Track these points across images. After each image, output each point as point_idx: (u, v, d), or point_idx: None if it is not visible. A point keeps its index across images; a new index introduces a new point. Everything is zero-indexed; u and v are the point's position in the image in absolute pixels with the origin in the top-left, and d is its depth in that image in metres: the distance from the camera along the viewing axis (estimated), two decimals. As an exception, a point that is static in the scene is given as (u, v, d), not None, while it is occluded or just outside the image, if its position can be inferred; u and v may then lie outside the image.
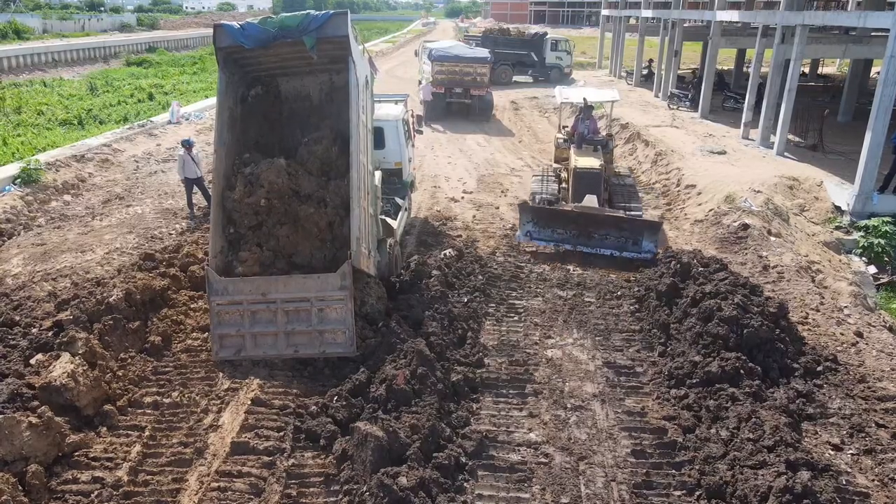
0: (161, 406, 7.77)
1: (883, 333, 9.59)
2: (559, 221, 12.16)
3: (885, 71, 12.49)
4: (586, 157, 13.40)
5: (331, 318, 8.57)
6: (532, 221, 12.33)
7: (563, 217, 12.14)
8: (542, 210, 12.43)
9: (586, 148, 14.10)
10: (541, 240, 12.21)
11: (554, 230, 12.20)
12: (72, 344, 7.89)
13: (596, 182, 12.74)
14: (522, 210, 12.51)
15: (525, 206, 12.62)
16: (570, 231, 12.09)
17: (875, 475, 6.85)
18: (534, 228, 12.27)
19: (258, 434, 7.26)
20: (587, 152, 13.86)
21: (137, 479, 6.65)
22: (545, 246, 12.34)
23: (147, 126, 21.30)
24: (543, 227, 12.22)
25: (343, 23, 8.92)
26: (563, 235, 12.15)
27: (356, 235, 8.67)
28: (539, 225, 12.26)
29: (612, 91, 16.18)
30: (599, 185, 12.81)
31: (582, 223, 12.01)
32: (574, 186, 12.85)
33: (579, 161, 13.23)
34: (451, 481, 6.57)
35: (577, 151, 13.93)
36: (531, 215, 12.36)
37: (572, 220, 12.05)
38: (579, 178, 12.80)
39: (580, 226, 12.03)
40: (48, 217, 13.94)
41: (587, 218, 11.99)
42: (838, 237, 13.09)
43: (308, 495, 6.54)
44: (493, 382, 8.40)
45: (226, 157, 9.34)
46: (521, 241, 12.32)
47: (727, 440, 6.99)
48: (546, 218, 12.26)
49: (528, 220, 12.36)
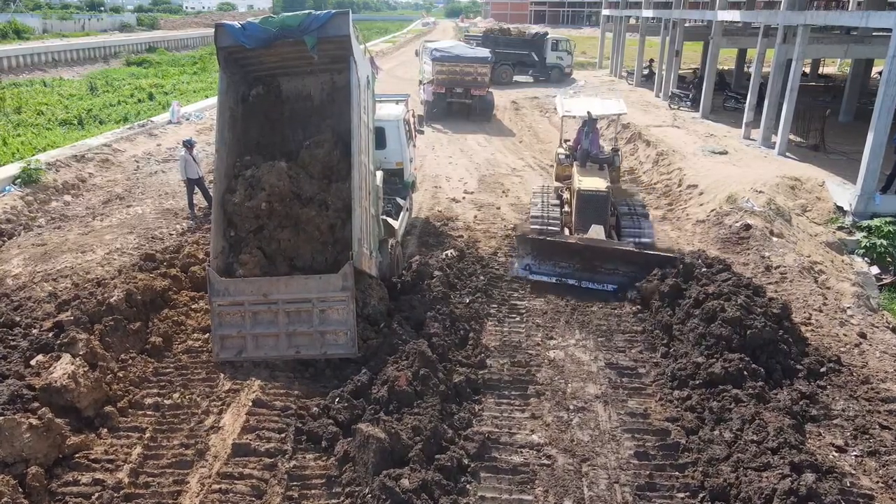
0: (162, 407, 7.73)
1: (886, 334, 9.56)
2: (562, 254, 11.04)
3: (887, 70, 12.46)
4: (591, 178, 12.28)
5: (332, 319, 8.54)
6: (531, 254, 11.21)
7: (567, 249, 11.01)
8: (542, 242, 11.20)
9: (591, 166, 12.95)
10: (541, 274, 11.05)
11: (556, 264, 11.05)
12: (72, 345, 7.86)
13: (602, 206, 11.69)
14: (520, 242, 11.43)
15: (523, 237, 11.44)
16: (574, 265, 10.97)
17: (879, 477, 6.81)
18: (533, 262, 11.16)
19: (259, 436, 7.23)
20: (592, 171, 12.74)
21: (138, 480, 6.62)
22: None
23: (147, 126, 21.27)
24: (544, 261, 11.10)
25: (344, 22, 8.90)
26: (566, 270, 11.00)
27: (357, 236, 8.64)
28: (539, 258, 11.14)
29: (618, 102, 14.59)
30: (606, 209, 11.76)
31: (587, 256, 10.89)
32: (578, 211, 11.79)
33: (583, 182, 12.08)
34: (453, 483, 6.55)
35: (581, 170, 12.81)
36: (530, 248, 11.24)
37: (577, 253, 10.93)
38: (584, 201, 11.72)
39: (585, 259, 10.90)
40: (49, 217, 13.89)
41: (593, 251, 10.89)
42: (841, 238, 13.06)
43: (310, 497, 6.51)
44: (496, 384, 8.37)
45: (227, 157, 9.31)
46: (519, 275, 11.16)
47: (731, 442, 6.96)
48: (547, 251, 11.12)
49: (527, 253, 11.26)
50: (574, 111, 13.88)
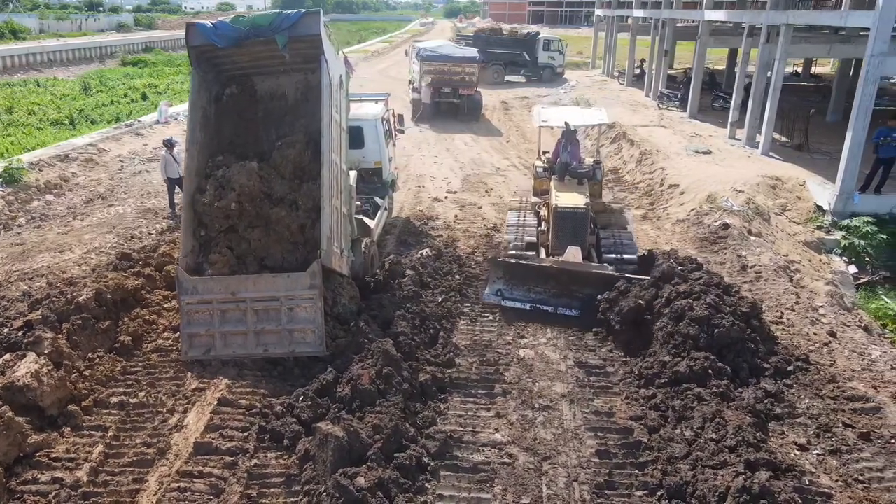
0: (127, 406, 7.74)
1: (857, 333, 9.57)
2: (536, 279, 10.27)
3: (865, 70, 12.48)
4: (569, 193, 11.49)
5: (300, 318, 8.56)
6: (503, 278, 10.40)
7: (541, 273, 10.26)
8: (515, 266, 10.38)
9: (569, 180, 12.16)
10: (514, 300, 10.21)
11: (530, 288, 10.26)
12: (38, 344, 7.86)
13: (581, 224, 10.93)
14: (493, 265, 10.66)
15: (495, 260, 10.73)
16: (550, 290, 10.18)
17: (839, 475, 6.82)
18: (505, 287, 10.33)
19: (222, 434, 7.23)
20: (570, 186, 11.94)
21: (97, 479, 6.62)
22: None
23: (135, 126, 21.29)
24: (517, 286, 10.30)
25: (315, 22, 8.92)
26: (540, 295, 10.20)
27: (327, 234, 8.66)
28: (512, 283, 10.33)
29: (599, 112, 13.70)
30: (585, 227, 11.01)
31: (564, 281, 10.14)
32: (555, 229, 11.06)
33: (561, 198, 11.29)
34: (411, 482, 6.54)
35: (559, 185, 12.01)
36: (502, 271, 10.43)
37: (552, 277, 10.19)
38: (561, 219, 10.98)
39: (561, 284, 10.14)
40: (29, 217, 13.92)
41: (570, 275, 10.13)
42: (819, 237, 13.07)
43: (268, 496, 6.52)
44: (463, 382, 8.37)
45: (198, 157, 9.34)
46: (491, 302, 10.30)
47: (691, 440, 6.97)
48: (520, 275, 10.33)
49: (498, 277, 10.43)
50: (551, 121, 13.07)
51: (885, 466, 6.92)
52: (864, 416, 7.68)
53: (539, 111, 13.81)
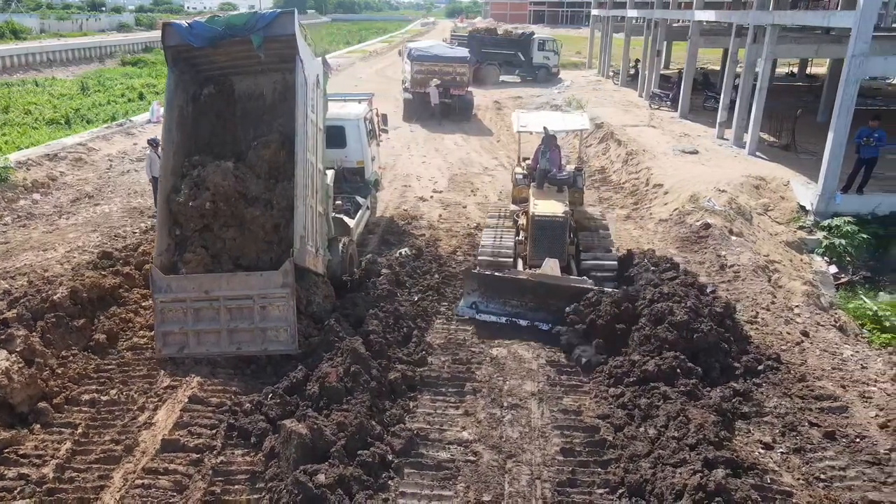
0: (98, 403, 7.79)
1: (830, 333, 9.58)
2: (512, 291, 9.86)
3: (846, 70, 12.48)
4: (547, 201, 11.11)
5: (273, 316, 8.62)
6: (478, 290, 9.97)
7: (517, 286, 9.85)
8: (490, 278, 9.97)
9: (549, 188, 11.78)
10: (489, 313, 9.86)
11: (506, 301, 9.87)
12: (10, 342, 7.93)
13: (559, 234, 10.59)
14: (467, 277, 10.25)
15: (470, 272, 10.31)
16: (527, 303, 9.80)
17: (801, 474, 6.84)
18: (480, 300, 9.91)
19: (191, 432, 7.29)
20: (549, 194, 11.55)
21: (63, 476, 6.65)
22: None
23: (126, 125, 21.39)
24: (492, 298, 9.89)
25: (290, 22, 8.98)
26: (516, 308, 9.83)
27: (300, 233, 8.71)
28: (487, 295, 9.91)
29: (580, 117, 13.36)
30: (563, 237, 10.65)
31: (541, 294, 9.75)
32: (532, 239, 10.71)
33: (539, 206, 10.91)
34: (374, 479, 6.58)
35: (538, 193, 11.60)
36: (477, 283, 10.00)
37: (529, 290, 9.80)
38: (539, 228, 10.63)
39: (538, 297, 9.75)
40: (15, 216, 13.99)
41: (547, 288, 9.76)
42: (801, 237, 13.07)
43: (232, 492, 6.56)
44: (434, 381, 8.41)
45: (174, 157, 9.40)
46: (465, 315, 9.95)
47: (654, 438, 7.00)
48: (496, 287, 9.91)
49: (473, 290, 10.01)
50: (530, 126, 12.73)
51: (847, 465, 6.94)
52: (830, 416, 7.70)
53: (518, 116, 13.36)
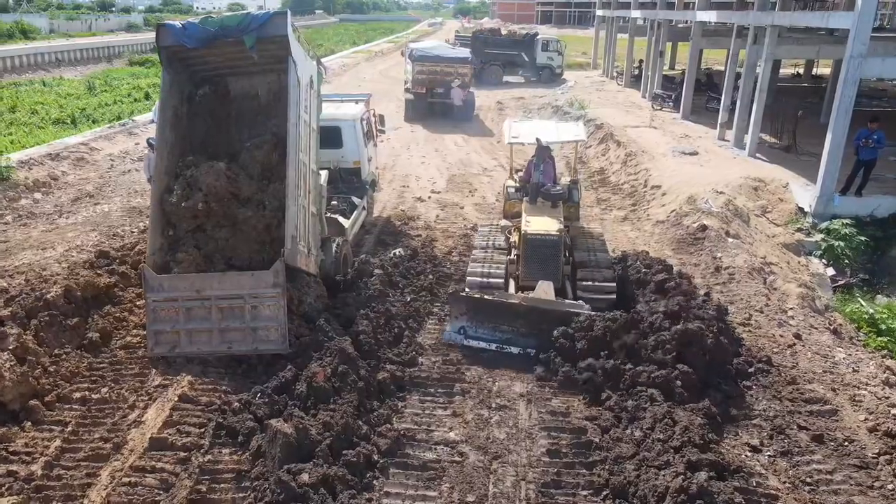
0: (89, 402, 7.84)
1: (823, 336, 9.54)
2: (503, 316, 9.19)
3: (844, 71, 12.42)
4: (541, 218, 10.45)
5: (264, 316, 8.66)
6: (466, 314, 9.28)
7: (508, 310, 9.17)
8: (479, 302, 9.25)
9: (542, 203, 11.03)
10: (478, 339, 9.15)
11: (496, 327, 9.17)
12: (3, 339, 8.00)
13: (553, 253, 9.94)
14: (453, 301, 9.52)
15: (456, 295, 9.60)
16: (518, 328, 9.12)
17: (788, 477, 6.83)
18: (469, 324, 9.23)
19: (179, 430, 7.33)
20: (543, 209, 10.85)
21: (51, 473, 6.71)
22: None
23: (128, 125, 21.52)
24: (482, 323, 9.20)
25: (283, 22, 9.02)
26: (507, 334, 9.14)
27: (292, 233, 8.75)
28: (476, 320, 9.22)
29: (576, 126, 12.49)
30: (558, 257, 9.98)
31: (534, 320, 9.06)
32: (525, 259, 10.04)
33: (532, 224, 10.26)
34: (358, 479, 6.61)
35: (530, 208, 10.90)
36: (465, 307, 9.29)
37: (521, 315, 9.11)
38: (531, 247, 9.98)
39: (531, 322, 9.06)
40: (16, 215, 14.09)
41: (540, 313, 9.06)
42: (799, 239, 13.02)
43: (218, 491, 6.59)
44: (423, 381, 8.43)
45: (168, 157, 9.46)
46: (452, 342, 9.27)
47: (639, 440, 6.99)
48: (485, 311, 9.21)
49: (461, 314, 9.32)
50: (522, 137, 11.90)
51: (834, 469, 6.93)
52: (819, 419, 7.68)
53: (509, 126, 12.47)
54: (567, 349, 8.57)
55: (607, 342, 8.49)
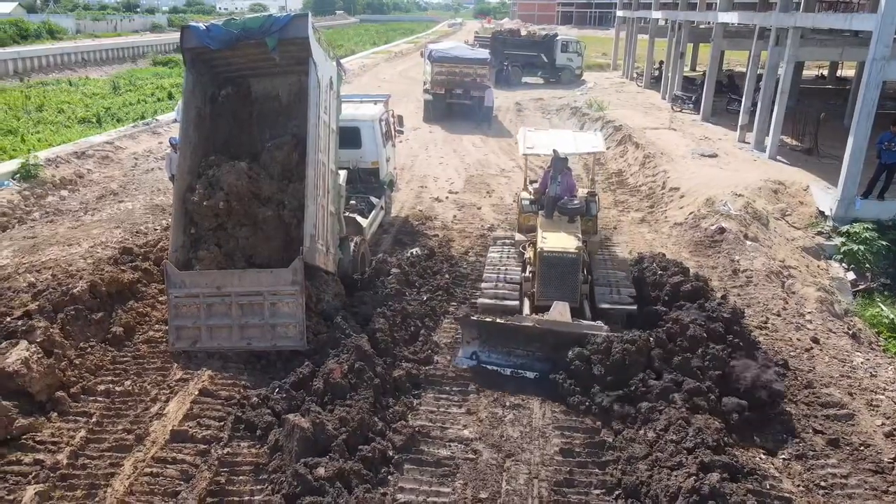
0: (112, 394, 8.05)
1: (842, 340, 9.48)
2: (517, 340, 8.73)
3: (867, 74, 12.31)
4: (558, 234, 9.90)
5: (283, 313, 8.82)
6: (478, 339, 8.86)
7: (523, 334, 8.71)
8: (492, 325, 8.79)
9: (559, 218, 10.44)
10: (491, 364, 8.69)
11: (510, 351, 8.72)
12: (30, 332, 8.23)
13: (571, 272, 9.38)
14: (464, 325, 9.06)
15: (468, 319, 9.07)
16: (534, 352, 8.67)
17: (802, 480, 6.84)
18: (481, 349, 8.77)
19: (200, 423, 7.50)
20: (559, 224, 10.26)
21: (76, 462, 6.91)
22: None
23: (152, 124, 21.91)
24: (494, 348, 8.76)
25: (304, 25, 9.17)
26: (522, 359, 8.67)
27: (311, 232, 8.90)
28: (488, 344, 8.78)
29: (593, 137, 11.73)
30: (576, 275, 9.41)
31: (550, 343, 8.57)
32: (540, 277, 9.50)
33: (548, 240, 9.71)
34: (373, 474, 6.72)
35: (546, 223, 10.33)
36: (477, 331, 8.85)
37: (536, 339, 8.67)
38: (547, 266, 9.44)
39: (547, 346, 8.59)
40: (43, 211, 14.44)
41: (556, 337, 8.56)
42: (819, 242, 12.92)
43: (236, 483, 6.75)
44: (438, 379, 8.53)
45: (191, 156, 9.66)
46: (464, 366, 8.79)
47: (652, 441, 7.02)
48: (498, 335, 8.77)
49: (473, 338, 8.88)
50: (538, 148, 11.32)
51: (849, 473, 6.92)
52: (836, 423, 7.67)
53: (524, 135, 11.80)
54: (583, 372, 8.08)
55: (626, 367, 7.94)
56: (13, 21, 52.77)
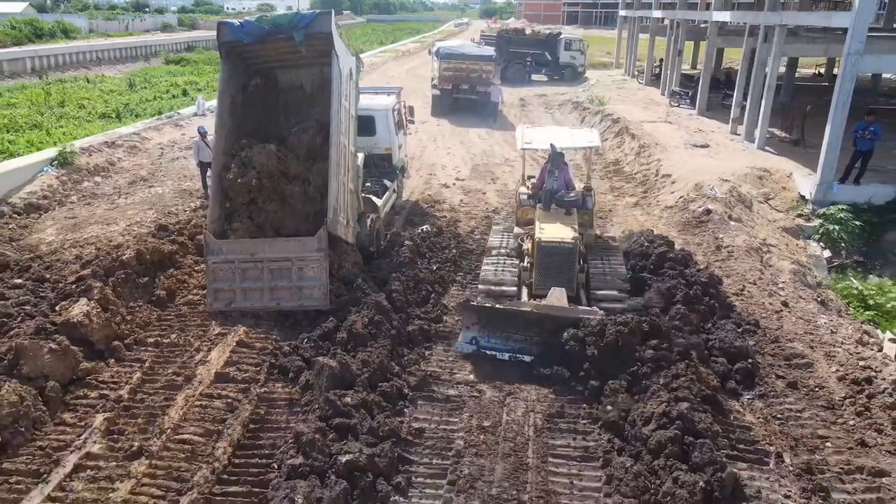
0: (161, 345, 9.17)
1: (809, 305, 10.51)
2: (515, 325, 9.04)
3: (843, 68, 13.32)
4: (554, 225, 10.27)
5: (309, 276, 9.92)
6: (478, 324, 9.16)
7: (521, 319, 9.06)
8: (491, 311, 9.16)
9: (556, 210, 10.79)
10: (490, 349, 9.03)
11: (509, 336, 9.03)
12: (89, 291, 9.37)
13: (567, 261, 9.74)
14: (464, 310, 9.41)
15: (467, 304, 9.46)
16: (532, 336, 8.97)
17: (762, 415, 7.87)
18: (481, 334, 9.11)
19: (239, 368, 8.60)
20: (556, 216, 10.62)
21: (136, 397, 8.03)
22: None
23: (174, 117, 23.07)
24: (494, 332, 9.08)
25: (327, 21, 10.27)
26: (520, 343, 9.00)
27: (333, 205, 10.00)
28: (488, 329, 9.11)
29: (589, 133, 12.22)
30: (572, 264, 9.78)
31: (547, 328, 8.91)
32: (538, 266, 9.81)
33: (545, 231, 10.09)
34: (392, 406, 7.81)
35: (544, 215, 10.68)
36: (476, 316, 9.19)
37: (534, 324, 9.00)
38: (545, 255, 9.78)
39: (544, 330, 8.92)
40: (80, 195, 15.59)
41: (553, 321, 8.92)
42: (799, 223, 13.93)
43: (274, 414, 7.84)
44: (447, 335, 9.60)
45: (226, 138, 10.77)
46: (464, 351, 9.13)
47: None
48: (497, 320, 9.09)
49: (472, 323, 9.19)
50: (535, 142, 11.65)
51: (804, 409, 7.96)
52: (796, 370, 8.70)
53: (522, 131, 12.05)
54: (577, 353, 8.47)
55: (620, 349, 8.28)
56: (28, 20, 53.99)
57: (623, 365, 8.22)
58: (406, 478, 6.71)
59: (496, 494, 6.54)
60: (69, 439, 7.25)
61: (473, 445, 7.24)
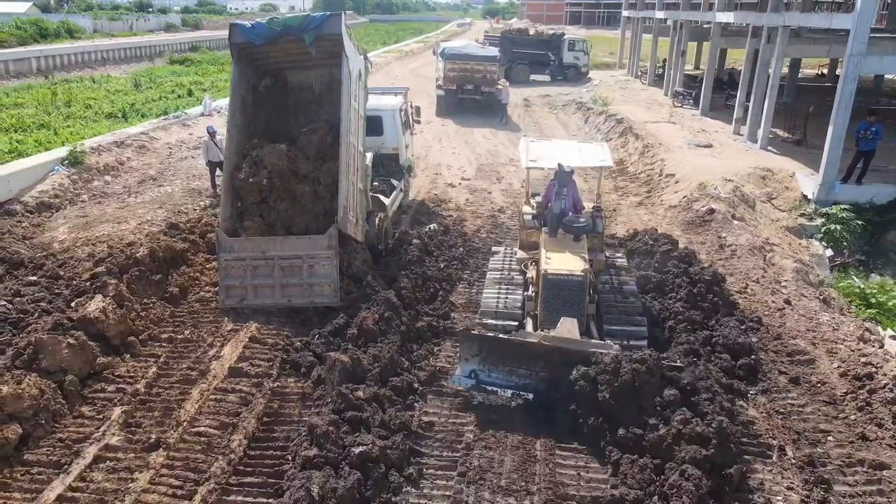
0: (175, 341, 9.36)
1: (812, 302, 10.65)
2: (520, 358, 8.08)
3: (845, 69, 13.47)
4: (561, 255, 9.15)
5: (319, 273, 10.10)
6: (479, 356, 8.19)
7: (527, 352, 8.07)
8: (494, 341, 8.20)
9: (563, 236, 9.65)
10: (492, 384, 8.07)
11: (512, 370, 8.08)
12: (104, 287, 9.56)
13: (577, 295, 8.67)
14: (464, 340, 8.40)
15: (468, 334, 8.54)
16: (538, 371, 8.01)
17: (765, 409, 8.03)
18: (481, 367, 8.14)
19: (252, 363, 8.79)
20: (564, 243, 9.49)
21: (152, 391, 8.22)
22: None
23: (181, 117, 23.27)
24: (496, 366, 8.12)
25: (337, 23, 10.45)
26: (525, 379, 8.05)
27: (343, 204, 10.18)
28: (489, 362, 8.14)
29: (601, 149, 10.78)
30: (582, 298, 8.71)
31: (556, 362, 7.92)
32: (544, 300, 8.78)
33: (552, 261, 8.99)
34: (402, 400, 7.99)
35: (550, 242, 9.57)
36: (477, 347, 8.21)
37: (540, 357, 8.00)
38: (553, 288, 8.71)
39: (552, 365, 7.94)
40: (91, 194, 15.78)
41: (562, 354, 7.93)
42: (801, 223, 14.09)
43: (286, 407, 8.03)
44: (455, 332, 9.77)
45: (237, 137, 10.96)
46: (462, 386, 8.19)
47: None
48: (500, 353, 8.13)
49: (472, 355, 8.21)
50: (541, 161, 10.40)
51: (806, 403, 8.12)
52: (798, 366, 8.85)
53: (526, 146, 10.74)
54: (587, 395, 7.49)
55: (636, 391, 7.31)
56: (33, 20, 54.28)
57: (639, 411, 7.26)
58: (417, 469, 6.89)
59: (505, 486, 6.71)
60: (88, 431, 7.43)
61: (482, 439, 7.41)
